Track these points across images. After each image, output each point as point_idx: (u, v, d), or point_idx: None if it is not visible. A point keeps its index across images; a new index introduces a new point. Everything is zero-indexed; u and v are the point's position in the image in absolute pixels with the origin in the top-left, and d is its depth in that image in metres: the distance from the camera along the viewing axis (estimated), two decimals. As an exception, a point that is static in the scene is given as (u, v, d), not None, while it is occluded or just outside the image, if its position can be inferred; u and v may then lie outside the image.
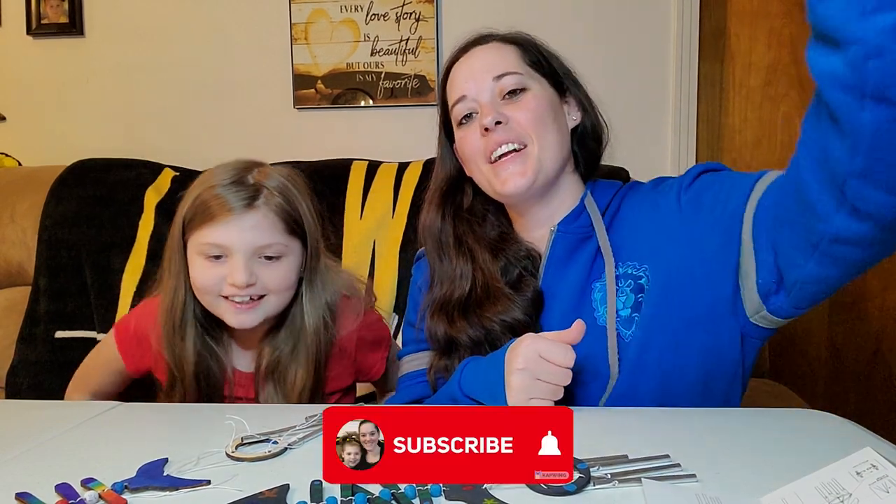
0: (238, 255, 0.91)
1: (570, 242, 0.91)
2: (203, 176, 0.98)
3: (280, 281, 0.95)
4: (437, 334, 0.93)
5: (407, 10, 2.02)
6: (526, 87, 0.91)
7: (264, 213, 0.93)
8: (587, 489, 0.56)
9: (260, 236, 0.92)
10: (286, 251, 0.95)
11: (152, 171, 1.68)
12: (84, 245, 1.56)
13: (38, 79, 2.18)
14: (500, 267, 0.93)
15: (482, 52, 0.95)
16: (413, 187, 1.54)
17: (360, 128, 2.09)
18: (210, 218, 0.92)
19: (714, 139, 2.07)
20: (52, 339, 1.52)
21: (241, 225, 0.91)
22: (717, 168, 0.91)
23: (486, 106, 0.90)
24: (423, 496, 0.54)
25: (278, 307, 0.97)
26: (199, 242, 0.93)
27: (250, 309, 0.93)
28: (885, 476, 0.49)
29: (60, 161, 1.73)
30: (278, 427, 0.71)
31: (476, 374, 0.82)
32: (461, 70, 0.95)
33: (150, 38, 2.13)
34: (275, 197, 0.95)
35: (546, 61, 0.95)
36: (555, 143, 0.90)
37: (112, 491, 0.57)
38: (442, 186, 1.00)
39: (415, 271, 1.06)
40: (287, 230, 0.95)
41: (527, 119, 0.89)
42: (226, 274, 0.92)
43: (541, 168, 0.88)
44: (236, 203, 0.91)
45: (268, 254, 0.94)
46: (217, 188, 0.93)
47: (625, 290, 0.87)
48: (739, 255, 0.81)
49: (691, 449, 0.63)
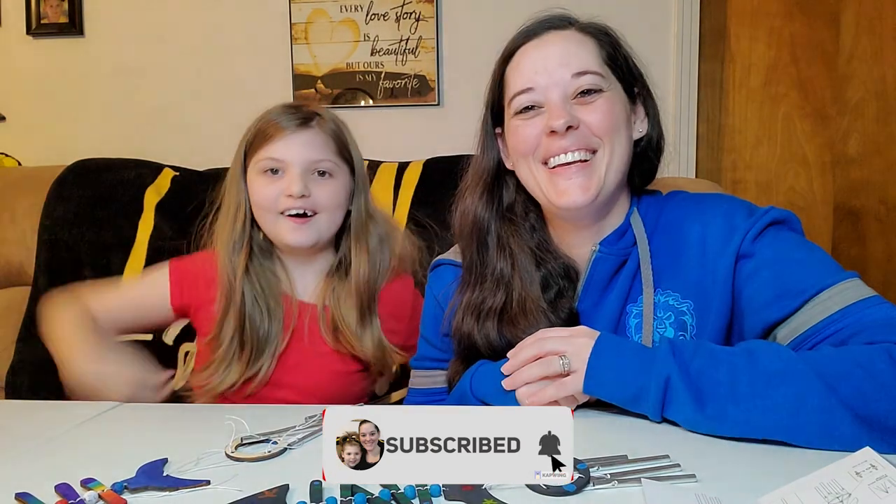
0: (294, 167, 1.00)
1: (611, 264, 0.85)
2: (261, 113, 1.07)
3: (331, 197, 1.03)
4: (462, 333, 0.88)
5: (407, 10, 2.02)
6: (602, 89, 0.82)
7: (316, 131, 1.03)
8: (587, 489, 0.56)
9: (313, 152, 1.02)
10: (336, 170, 1.04)
11: (152, 171, 1.68)
12: (84, 245, 1.56)
13: (38, 79, 2.18)
14: (541, 278, 0.86)
15: (559, 39, 0.83)
16: (413, 187, 1.54)
17: (360, 128, 2.08)
18: (269, 138, 1.02)
19: (714, 139, 2.07)
20: (52, 339, 1.52)
21: (296, 141, 1.01)
22: (788, 219, 0.82)
23: (557, 106, 0.80)
24: (422, 496, 0.54)
25: (330, 226, 1.04)
26: (259, 160, 1.02)
27: (305, 224, 1.01)
28: (885, 476, 0.49)
29: (60, 161, 1.72)
30: (278, 427, 0.71)
31: (488, 377, 0.81)
32: (531, 57, 0.83)
33: (150, 38, 2.13)
34: (327, 122, 1.05)
35: (624, 61, 0.86)
36: (623, 154, 0.83)
37: (112, 491, 0.57)
38: (485, 177, 0.91)
39: (431, 280, 0.99)
40: (336, 151, 1.04)
41: (600, 123, 0.80)
42: (284, 188, 1.00)
43: (605, 183, 0.81)
44: (291, 123, 1.02)
45: (320, 168, 1.02)
46: (274, 114, 1.04)
47: (664, 321, 0.82)
48: None
49: (691, 449, 0.63)
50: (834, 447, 0.61)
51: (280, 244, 1.06)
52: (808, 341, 0.72)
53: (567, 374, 0.72)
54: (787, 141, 2.07)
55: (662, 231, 0.86)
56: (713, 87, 2.04)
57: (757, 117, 2.07)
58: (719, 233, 0.82)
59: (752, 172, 2.09)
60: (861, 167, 2.05)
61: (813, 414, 0.62)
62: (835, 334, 0.70)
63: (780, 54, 2.04)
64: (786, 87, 2.05)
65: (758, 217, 0.81)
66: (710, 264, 0.81)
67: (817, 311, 0.72)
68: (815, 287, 0.74)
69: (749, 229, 0.80)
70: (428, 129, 2.06)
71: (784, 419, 0.63)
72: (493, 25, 1.99)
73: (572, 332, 0.75)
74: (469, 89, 2.02)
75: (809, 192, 2.07)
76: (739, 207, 0.84)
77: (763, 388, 0.64)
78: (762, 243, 0.79)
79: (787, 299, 0.74)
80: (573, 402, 0.74)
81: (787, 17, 2.02)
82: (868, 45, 2.02)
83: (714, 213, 0.84)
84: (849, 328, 0.70)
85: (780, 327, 0.75)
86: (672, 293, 0.83)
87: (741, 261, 0.80)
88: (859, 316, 0.70)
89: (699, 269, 0.82)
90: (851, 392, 0.62)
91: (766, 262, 0.78)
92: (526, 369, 0.74)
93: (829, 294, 0.73)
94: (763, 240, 0.79)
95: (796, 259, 0.77)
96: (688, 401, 0.66)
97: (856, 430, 0.60)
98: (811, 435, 0.62)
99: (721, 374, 0.66)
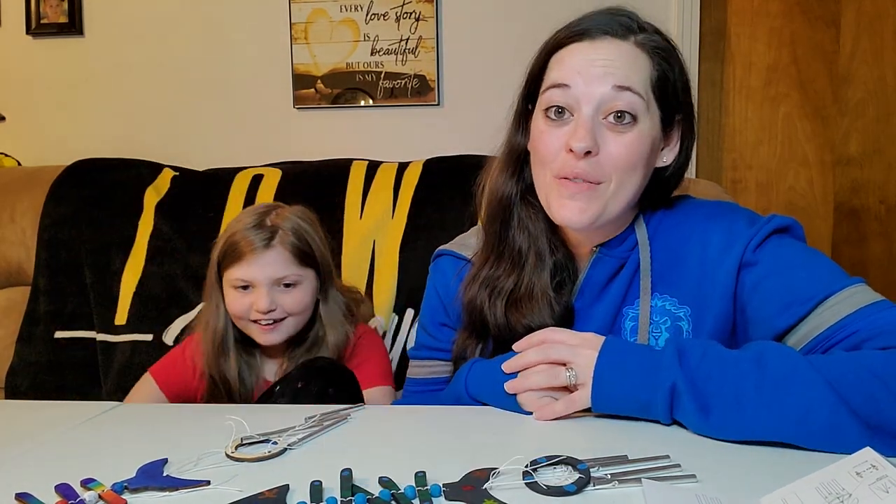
0: (261, 286, 1.13)
1: (610, 266, 0.85)
2: (233, 221, 1.19)
3: (297, 304, 1.15)
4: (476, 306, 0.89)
5: (407, 10, 2.02)
6: (637, 117, 0.78)
7: (279, 250, 1.14)
8: (587, 489, 0.56)
9: (278, 269, 1.13)
10: (300, 279, 1.16)
11: (152, 170, 1.68)
12: (83, 245, 1.56)
13: (37, 79, 2.18)
14: (552, 264, 0.86)
15: (612, 46, 0.79)
16: (413, 187, 1.54)
17: (360, 128, 2.09)
18: (238, 258, 1.13)
19: (714, 139, 2.07)
20: (52, 338, 1.52)
21: (261, 262, 1.13)
22: (790, 227, 0.81)
23: (585, 121, 0.77)
24: (422, 496, 0.54)
25: (297, 326, 1.17)
26: (230, 278, 1.15)
27: (273, 329, 1.14)
28: (885, 476, 0.49)
29: (60, 161, 1.73)
30: (278, 427, 0.71)
31: (482, 375, 0.81)
32: (578, 55, 0.79)
33: (150, 38, 2.13)
34: (289, 237, 1.15)
35: (674, 88, 0.81)
36: (633, 189, 0.81)
37: (112, 491, 0.57)
38: (513, 154, 0.89)
39: (433, 271, 1.00)
40: (299, 262, 1.15)
41: (619, 159, 0.78)
42: (253, 301, 1.13)
43: (604, 212, 0.80)
44: (257, 244, 1.13)
45: (285, 282, 1.14)
46: (242, 231, 1.14)
47: (660, 325, 0.82)
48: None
49: (691, 449, 0.63)
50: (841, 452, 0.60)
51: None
52: (820, 346, 0.71)
53: (574, 387, 0.71)
54: (787, 141, 2.07)
55: (663, 235, 0.86)
56: (713, 87, 2.04)
57: (757, 117, 2.07)
58: (720, 240, 0.81)
59: (752, 172, 2.09)
60: (861, 167, 2.05)
61: (820, 422, 0.61)
62: (847, 338, 0.69)
63: (780, 54, 2.04)
64: (786, 87, 2.05)
65: (760, 226, 0.80)
66: (710, 271, 0.81)
67: (828, 316, 0.72)
68: (824, 292, 0.73)
69: (752, 238, 0.79)
70: (428, 129, 2.06)
71: (790, 427, 0.62)
72: (493, 25, 1.99)
73: (579, 340, 0.73)
74: (469, 89, 2.03)
75: (809, 192, 2.07)
76: (741, 216, 0.83)
77: (770, 397, 0.63)
78: (765, 252, 0.78)
79: (796, 306, 0.74)
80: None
81: (787, 17, 2.03)
82: (868, 45, 2.02)
83: (716, 220, 0.84)
84: (862, 332, 0.69)
85: (789, 334, 0.75)
86: (670, 298, 0.83)
87: (744, 269, 0.79)
88: (872, 319, 0.69)
89: (698, 275, 0.82)
90: (862, 400, 0.61)
91: (771, 270, 0.77)
92: (531, 375, 0.74)
93: (838, 298, 0.72)
94: (766, 248, 0.79)
95: (801, 265, 0.77)
96: (693, 409, 0.65)
97: (865, 439, 0.59)
98: (818, 442, 0.61)
99: (727, 381, 0.65)
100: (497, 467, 0.58)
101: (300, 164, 1.69)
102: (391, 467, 0.60)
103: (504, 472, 0.58)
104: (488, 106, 1.31)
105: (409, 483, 0.56)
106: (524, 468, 0.58)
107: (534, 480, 0.56)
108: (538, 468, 0.58)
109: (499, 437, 0.70)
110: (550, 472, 0.58)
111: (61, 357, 1.50)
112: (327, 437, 0.71)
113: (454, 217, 1.42)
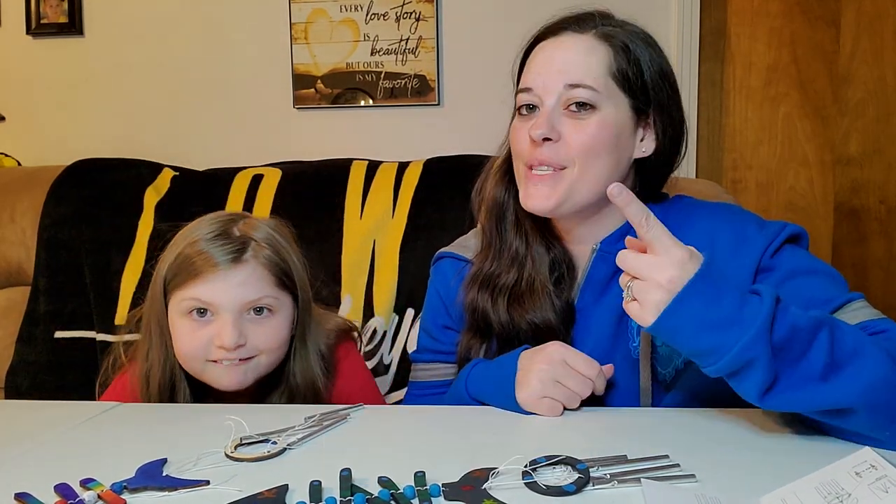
0: (226, 313, 0.85)
1: (612, 263, 0.82)
2: (184, 230, 0.90)
3: (271, 339, 0.88)
4: (478, 307, 0.89)
5: (407, 10, 2.02)
6: (596, 106, 0.80)
7: (253, 266, 0.87)
8: (586, 489, 0.56)
9: (249, 292, 0.86)
10: (277, 305, 0.89)
11: (152, 170, 1.67)
12: (83, 245, 1.56)
13: (37, 79, 2.18)
14: (549, 261, 0.88)
15: (570, 43, 0.82)
16: (413, 187, 1.54)
17: (360, 127, 2.09)
18: (194, 275, 0.85)
19: (714, 139, 2.07)
20: (52, 339, 1.51)
21: (228, 281, 0.85)
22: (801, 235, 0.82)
23: (544, 113, 0.81)
24: (422, 496, 0.54)
25: (269, 367, 0.90)
26: (182, 299, 0.85)
27: (240, 366, 0.86)
28: (885, 476, 0.49)
29: (60, 161, 1.72)
30: (277, 427, 0.71)
31: (483, 376, 0.82)
32: (540, 55, 0.84)
33: (150, 38, 2.13)
34: (263, 249, 0.88)
35: (639, 76, 0.83)
36: (600, 175, 0.81)
37: (111, 491, 0.57)
38: (508, 159, 0.91)
39: (434, 273, 1.00)
40: (277, 283, 0.89)
41: (579, 144, 0.80)
42: (213, 335, 0.85)
43: (569, 197, 0.81)
44: (222, 258, 0.85)
45: (258, 306, 0.87)
46: (200, 243, 0.86)
47: None
48: None
49: (691, 449, 0.63)
50: None
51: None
52: None
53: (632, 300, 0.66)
54: (787, 141, 2.07)
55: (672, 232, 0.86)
56: (713, 88, 2.04)
57: (757, 117, 2.07)
58: (728, 239, 0.81)
59: (752, 172, 2.09)
60: (861, 167, 2.05)
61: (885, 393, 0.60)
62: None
63: (780, 54, 2.04)
64: (786, 87, 2.05)
65: (777, 231, 0.80)
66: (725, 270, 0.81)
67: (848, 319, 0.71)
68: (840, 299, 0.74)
69: (770, 243, 0.79)
70: (428, 129, 2.06)
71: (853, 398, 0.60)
72: (493, 25, 1.99)
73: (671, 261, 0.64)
74: (469, 89, 2.03)
75: (809, 191, 2.07)
76: (748, 218, 0.84)
77: (834, 376, 0.61)
78: (781, 259, 0.79)
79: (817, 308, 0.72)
80: (576, 402, 0.75)
81: (787, 17, 2.02)
82: (868, 46, 2.02)
83: (722, 219, 0.84)
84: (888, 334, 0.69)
85: None
86: None
87: (760, 275, 0.79)
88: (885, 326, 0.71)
89: None
90: None
91: (786, 277, 0.78)
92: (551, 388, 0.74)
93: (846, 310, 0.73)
94: (782, 255, 0.80)
95: (815, 273, 0.78)
96: (754, 385, 0.60)
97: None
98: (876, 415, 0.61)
99: (804, 362, 0.61)
100: (496, 467, 0.58)
101: (300, 164, 1.69)
102: (390, 467, 0.60)
103: (503, 471, 0.58)
104: (488, 106, 1.31)
105: (409, 483, 0.56)
106: (523, 468, 0.58)
107: (533, 480, 0.56)
108: (537, 468, 0.58)
109: (498, 437, 0.70)
110: (550, 472, 0.58)
111: (61, 357, 1.50)
112: (326, 437, 0.71)
113: (454, 217, 1.42)
